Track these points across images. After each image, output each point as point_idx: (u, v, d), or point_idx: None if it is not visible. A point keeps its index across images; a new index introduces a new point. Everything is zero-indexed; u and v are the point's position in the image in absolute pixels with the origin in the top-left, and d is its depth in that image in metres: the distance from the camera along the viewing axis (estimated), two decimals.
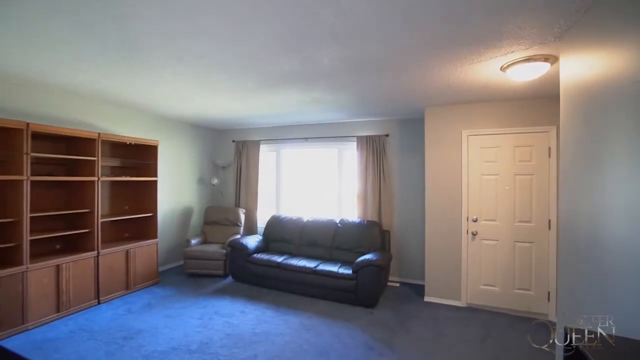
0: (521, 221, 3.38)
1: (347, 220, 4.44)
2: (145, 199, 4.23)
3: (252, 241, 4.45)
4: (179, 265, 4.99)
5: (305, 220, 4.64)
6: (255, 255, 4.22)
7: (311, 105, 3.83)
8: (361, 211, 4.56)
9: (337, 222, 4.47)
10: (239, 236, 4.70)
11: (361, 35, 1.96)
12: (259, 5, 1.63)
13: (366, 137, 4.55)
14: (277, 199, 5.35)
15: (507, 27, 1.84)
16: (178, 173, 5.04)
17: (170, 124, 4.87)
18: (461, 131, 3.63)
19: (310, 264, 3.88)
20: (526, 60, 2.25)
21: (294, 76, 2.75)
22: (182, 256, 4.77)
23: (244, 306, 3.53)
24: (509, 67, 2.38)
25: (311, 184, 5.16)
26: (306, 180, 5.19)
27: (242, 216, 5.05)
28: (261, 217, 5.27)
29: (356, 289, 3.55)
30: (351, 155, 4.79)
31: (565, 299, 1.92)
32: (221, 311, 3.38)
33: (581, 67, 1.73)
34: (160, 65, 2.51)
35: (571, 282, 1.80)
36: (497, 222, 3.48)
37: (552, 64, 2.28)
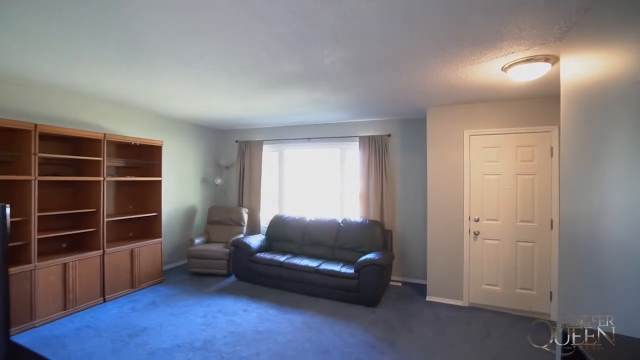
0: (523, 221, 3.38)
1: (350, 219, 4.46)
2: (149, 198, 4.28)
3: (255, 241, 4.48)
4: (182, 264, 5.05)
5: (308, 219, 4.66)
6: (258, 255, 4.25)
7: (313, 106, 3.85)
8: (363, 211, 4.58)
9: (340, 221, 4.49)
10: (242, 236, 4.74)
11: (362, 37, 1.98)
12: (259, 6, 1.65)
13: (368, 137, 4.57)
14: (279, 198, 5.39)
15: (507, 28, 1.85)
16: (182, 173, 5.09)
17: (174, 124, 4.92)
18: (463, 131, 3.63)
19: (313, 263, 3.91)
20: (527, 60, 2.26)
21: (295, 77, 2.77)
22: (185, 255, 4.82)
23: (246, 305, 3.56)
24: (510, 67, 2.39)
25: (314, 183, 5.19)
26: (309, 180, 5.22)
27: (245, 216, 5.09)
28: (264, 217, 5.31)
29: (358, 288, 3.57)
30: (354, 155, 4.81)
31: (565, 299, 1.92)
32: (224, 310, 3.42)
33: (581, 67, 1.73)
34: (162, 66, 2.54)
35: (571, 282, 1.81)
36: (499, 221, 3.48)
37: (552, 64, 2.28)
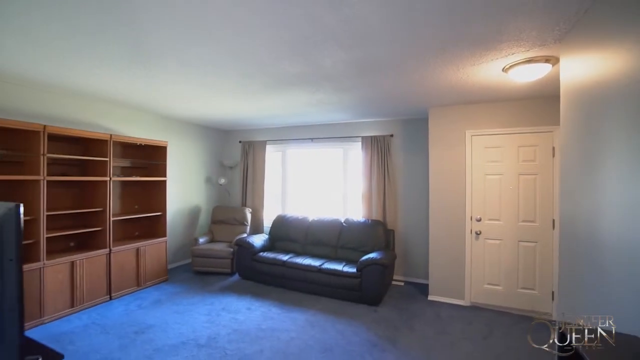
0: (525, 221, 3.39)
1: (352, 219, 4.49)
2: (154, 198, 4.35)
3: (258, 240, 4.53)
4: (187, 263, 5.11)
5: (311, 219, 4.70)
6: (261, 254, 4.30)
7: (316, 106, 3.89)
8: (366, 211, 4.60)
9: (342, 221, 4.52)
10: (245, 235, 4.79)
11: (363, 39, 2.01)
12: (263, 13, 1.69)
13: (371, 137, 4.60)
14: (283, 198, 5.43)
15: (506, 29, 1.87)
16: (186, 173, 5.15)
17: (178, 125, 4.98)
18: (465, 131, 3.65)
19: (316, 263, 3.95)
20: (527, 61, 2.28)
21: (298, 78, 2.81)
22: (190, 254, 4.87)
23: (250, 303, 3.61)
24: (510, 68, 2.41)
25: (317, 183, 5.22)
26: (312, 180, 5.26)
27: (249, 215, 5.14)
28: (267, 217, 5.35)
29: (360, 287, 3.60)
30: (356, 156, 4.84)
31: (565, 299, 1.93)
32: (228, 308, 3.47)
33: (581, 68, 1.74)
34: (168, 68, 2.59)
35: (571, 282, 1.82)
36: (501, 221, 3.49)
37: (553, 65, 2.30)
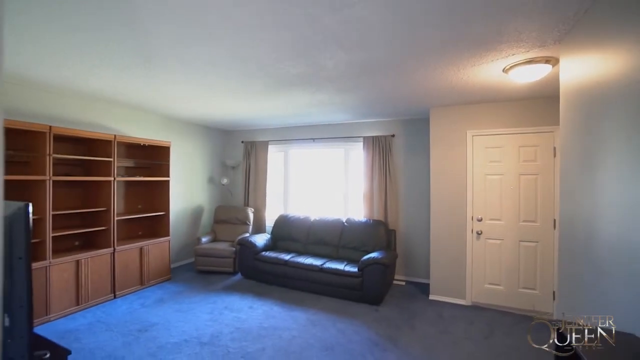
0: (526, 221, 3.40)
1: (354, 219, 4.51)
2: (158, 198, 4.39)
3: (260, 239, 4.56)
4: (189, 262, 5.15)
5: (313, 219, 4.72)
6: (263, 253, 4.33)
7: (317, 107, 3.91)
8: (367, 210, 4.62)
9: (344, 221, 4.54)
10: (247, 235, 4.81)
11: (364, 41, 2.03)
12: (265, 15, 1.72)
13: (372, 137, 4.62)
14: (285, 198, 5.46)
15: (506, 31, 1.88)
16: (189, 173, 5.19)
17: (181, 125, 5.02)
18: (466, 131, 3.66)
19: (317, 262, 3.97)
20: (527, 62, 2.29)
21: (300, 79, 2.83)
22: (193, 254, 4.92)
23: (252, 302, 3.64)
24: (511, 69, 2.42)
25: (318, 183, 5.25)
26: (313, 180, 5.28)
27: (251, 215, 5.17)
28: (269, 216, 5.38)
29: (362, 286, 3.62)
30: (358, 156, 4.86)
31: (565, 299, 1.94)
32: (230, 306, 3.50)
33: (581, 68, 1.75)
34: (167, 68, 2.59)
35: (571, 282, 1.82)
36: (502, 221, 3.50)
37: (553, 65, 2.31)
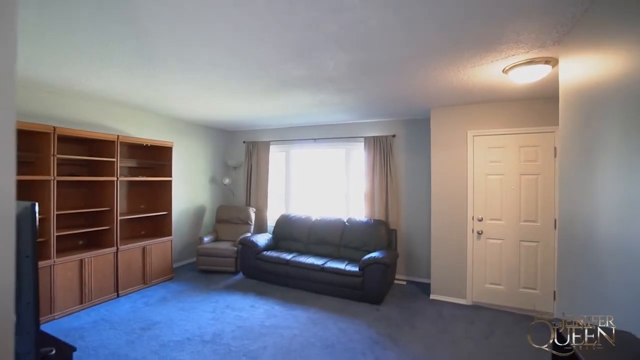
0: (527, 221, 3.41)
1: (355, 219, 4.53)
2: (160, 198, 4.43)
3: (262, 239, 4.59)
4: (192, 261, 5.19)
5: (314, 219, 4.75)
6: (265, 253, 4.36)
7: (318, 107, 3.93)
8: (368, 210, 4.64)
9: (345, 221, 4.57)
10: (249, 234, 4.85)
11: (365, 42, 2.05)
12: (265, 16, 1.74)
13: (373, 137, 4.63)
14: (286, 198, 5.48)
15: (505, 32, 1.90)
16: (191, 173, 5.23)
17: (183, 126, 5.06)
18: (466, 131, 3.67)
19: (318, 262, 3.99)
20: (527, 63, 2.30)
21: (301, 80, 2.85)
22: (195, 253, 4.96)
23: (254, 301, 3.67)
24: (510, 69, 2.43)
25: (320, 183, 5.27)
26: (315, 180, 5.30)
27: (253, 215, 5.20)
28: (271, 216, 5.41)
29: (363, 286, 3.64)
30: (359, 156, 4.88)
31: (565, 299, 1.94)
32: (232, 305, 3.53)
33: (580, 69, 1.76)
34: (168, 68, 2.61)
35: (571, 282, 1.83)
36: (503, 221, 3.51)
37: (553, 66, 2.32)
